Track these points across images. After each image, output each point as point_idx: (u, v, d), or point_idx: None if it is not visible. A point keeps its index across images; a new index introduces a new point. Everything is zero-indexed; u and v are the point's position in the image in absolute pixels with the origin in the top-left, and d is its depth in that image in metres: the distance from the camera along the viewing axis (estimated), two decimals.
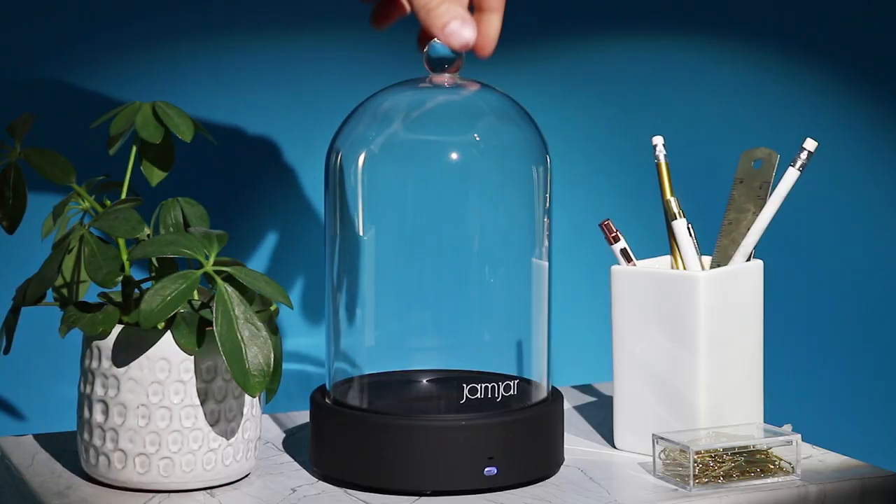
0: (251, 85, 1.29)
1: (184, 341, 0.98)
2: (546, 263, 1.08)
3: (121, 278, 1.02)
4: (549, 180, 1.08)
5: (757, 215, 1.12)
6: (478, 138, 1.06)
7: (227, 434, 1.02)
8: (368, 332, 1.08)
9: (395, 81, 1.06)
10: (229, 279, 0.97)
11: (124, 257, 1.02)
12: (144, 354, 1.00)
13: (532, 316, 1.08)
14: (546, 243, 1.08)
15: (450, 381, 1.09)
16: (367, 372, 1.11)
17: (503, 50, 1.36)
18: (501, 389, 1.03)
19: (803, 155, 1.11)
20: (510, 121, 1.07)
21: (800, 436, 1.05)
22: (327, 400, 1.05)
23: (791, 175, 1.12)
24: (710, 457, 1.03)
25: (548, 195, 1.08)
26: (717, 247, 1.14)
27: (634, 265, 1.12)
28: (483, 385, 1.03)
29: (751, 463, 1.04)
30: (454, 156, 1.05)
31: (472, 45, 1.00)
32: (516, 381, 1.04)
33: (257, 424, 1.05)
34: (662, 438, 1.05)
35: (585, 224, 1.32)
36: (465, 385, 1.03)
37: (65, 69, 1.24)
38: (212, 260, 0.98)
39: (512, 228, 1.08)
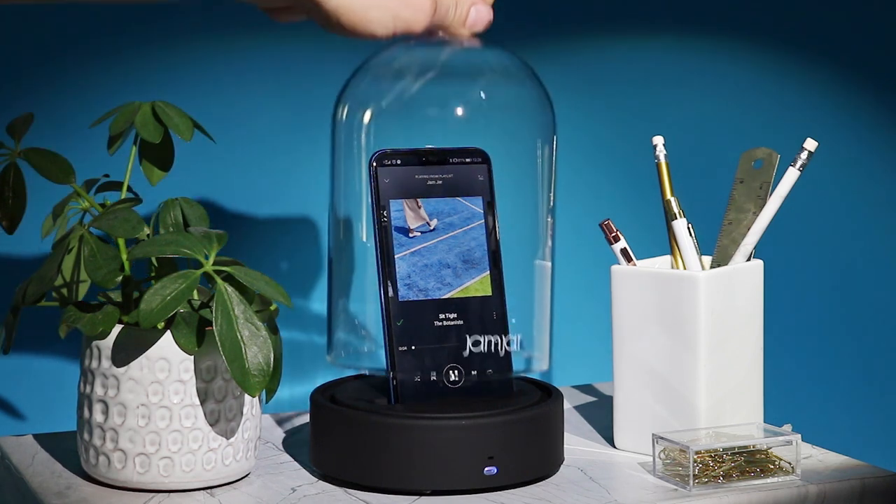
0: (251, 85, 1.29)
1: (183, 341, 0.98)
2: (549, 263, 1.09)
3: (120, 278, 1.02)
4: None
5: (757, 215, 1.12)
6: (483, 96, 1.07)
7: (227, 434, 1.02)
8: (371, 304, 1.08)
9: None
10: (229, 279, 0.97)
11: (124, 257, 1.02)
12: (144, 354, 1.00)
13: (534, 315, 1.09)
14: (550, 243, 1.08)
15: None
16: (367, 371, 1.11)
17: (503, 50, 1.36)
18: (504, 344, 1.04)
19: (803, 155, 1.11)
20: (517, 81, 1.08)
21: (800, 436, 1.05)
22: (327, 400, 1.05)
23: (791, 175, 1.12)
24: (710, 457, 1.03)
25: (552, 193, 1.08)
26: (717, 247, 1.15)
27: (634, 265, 1.12)
28: (486, 338, 1.03)
29: (751, 463, 1.04)
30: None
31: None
32: (518, 337, 1.05)
33: (257, 424, 1.05)
34: (662, 438, 1.05)
35: (586, 224, 1.32)
36: (468, 336, 1.03)
37: (65, 69, 1.24)
38: (211, 260, 0.98)
39: (516, 225, 1.08)
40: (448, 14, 0.98)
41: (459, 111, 1.06)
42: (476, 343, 1.03)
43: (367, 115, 1.05)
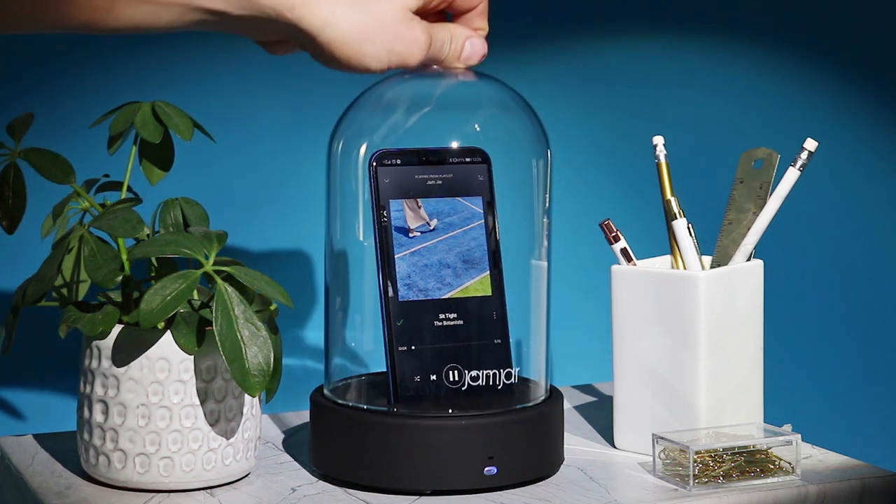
0: (251, 85, 1.29)
1: (183, 341, 0.98)
2: (545, 263, 1.08)
3: (120, 278, 1.02)
4: (550, 178, 1.08)
5: (757, 215, 1.12)
6: (478, 128, 1.07)
7: (227, 434, 1.02)
8: (367, 331, 1.08)
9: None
10: (229, 279, 0.97)
11: (124, 257, 1.02)
12: (144, 354, 1.00)
13: (531, 315, 1.09)
14: (545, 243, 1.08)
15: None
16: (366, 371, 1.11)
17: (503, 50, 1.36)
18: (502, 377, 1.04)
19: (803, 155, 1.11)
20: (511, 112, 1.08)
21: (800, 436, 1.05)
22: (327, 400, 1.05)
23: (791, 175, 1.12)
24: (710, 457, 1.03)
25: (548, 184, 1.08)
26: (717, 247, 1.15)
27: (634, 265, 1.12)
28: (483, 372, 1.03)
29: (751, 463, 1.04)
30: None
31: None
32: (516, 371, 1.05)
33: (257, 424, 1.05)
34: (662, 438, 1.05)
35: (585, 223, 1.32)
36: (466, 371, 1.03)
37: (65, 69, 1.24)
38: (211, 260, 0.98)
39: (512, 224, 1.08)
40: (443, 48, 0.98)
41: (454, 145, 1.06)
42: (475, 378, 1.03)
43: (363, 150, 1.05)
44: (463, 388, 1.03)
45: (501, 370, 1.04)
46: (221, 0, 0.87)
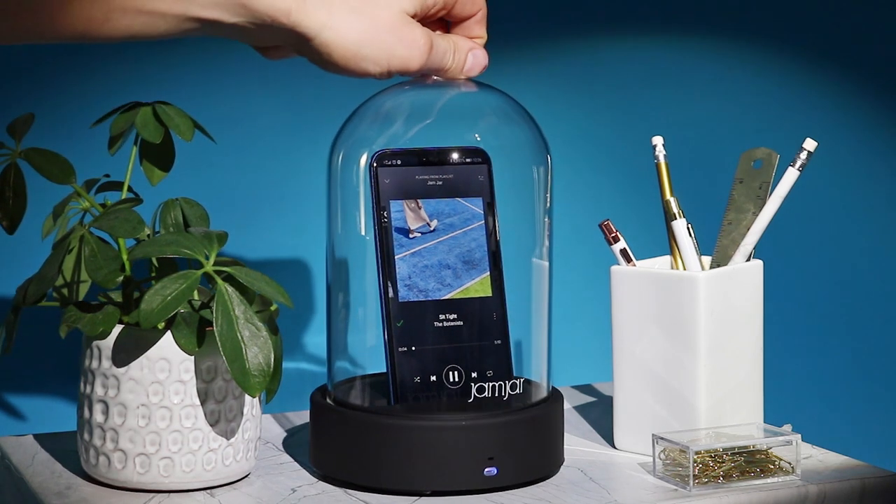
0: (251, 85, 1.29)
1: (184, 341, 0.99)
2: (546, 263, 1.09)
3: (121, 278, 1.02)
4: (550, 181, 1.08)
5: (757, 215, 1.13)
6: (478, 138, 1.07)
7: (227, 434, 1.02)
8: (369, 332, 1.08)
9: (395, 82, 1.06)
10: (229, 279, 0.97)
11: (124, 257, 1.02)
12: (144, 354, 1.00)
13: (532, 316, 1.09)
14: (546, 243, 1.08)
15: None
16: (367, 372, 1.11)
17: (503, 50, 1.36)
18: (508, 388, 1.03)
19: (803, 155, 1.11)
20: (511, 121, 1.07)
21: (800, 436, 1.05)
22: (327, 400, 1.05)
23: (791, 175, 1.12)
24: (710, 457, 1.03)
25: (548, 195, 1.08)
26: (717, 247, 1.15)
27: (634, 265, 1.13)
28: (490, 384, 1.03)
29: (751, 463, 1.04)
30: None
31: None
32: (522, 380, 1.05)
33: (257, 424, 1.05)
34: (662, 438, 1.05)
35: (585, 224, 1.32)
36: (472, 384, 1.03)
37: (65, 69, 1.24)
38: (212, 260, 0.98)
39: (513, 228, 1.08)
40: (445, 58, 0.98)
41: (455, 156, 1.06)
42: (480, 390, 1.03)
43: (363, 161, 1.05)
44: (469, 401, 1.03)
45: (507, 381, 1.04)
46: (217, 9, 0.87)
